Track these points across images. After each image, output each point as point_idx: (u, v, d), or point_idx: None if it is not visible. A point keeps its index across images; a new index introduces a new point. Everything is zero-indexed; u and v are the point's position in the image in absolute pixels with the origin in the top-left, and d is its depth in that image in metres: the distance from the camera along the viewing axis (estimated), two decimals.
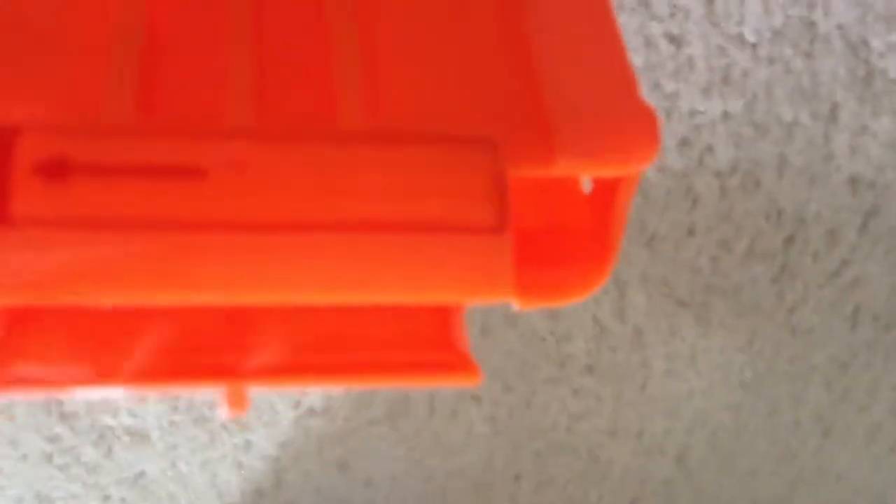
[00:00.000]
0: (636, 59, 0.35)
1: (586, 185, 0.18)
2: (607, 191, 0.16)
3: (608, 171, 0.15)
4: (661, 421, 0.53)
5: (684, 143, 0.39)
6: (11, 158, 0.12)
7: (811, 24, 0.35)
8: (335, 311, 0.15)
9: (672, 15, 0.34)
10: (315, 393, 0.48)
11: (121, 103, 0.13)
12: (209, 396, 0.48)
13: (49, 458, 0.49)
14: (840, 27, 0.35)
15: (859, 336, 0.49)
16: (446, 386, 0.15)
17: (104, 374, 0.13)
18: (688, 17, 0.34)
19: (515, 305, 0.16)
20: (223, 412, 0.14)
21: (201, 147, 0.12)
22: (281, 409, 0.49)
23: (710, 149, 0.39)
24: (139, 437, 0.49)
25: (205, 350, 0.14)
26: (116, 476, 0.51)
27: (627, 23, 0.34)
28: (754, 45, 0.35)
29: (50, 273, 0.12)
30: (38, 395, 0.12)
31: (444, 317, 0.15)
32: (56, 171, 0.12)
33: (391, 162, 0.13)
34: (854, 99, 0.37)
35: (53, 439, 0.48)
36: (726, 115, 0.37)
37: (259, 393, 0.48)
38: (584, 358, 0.49)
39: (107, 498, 0.52)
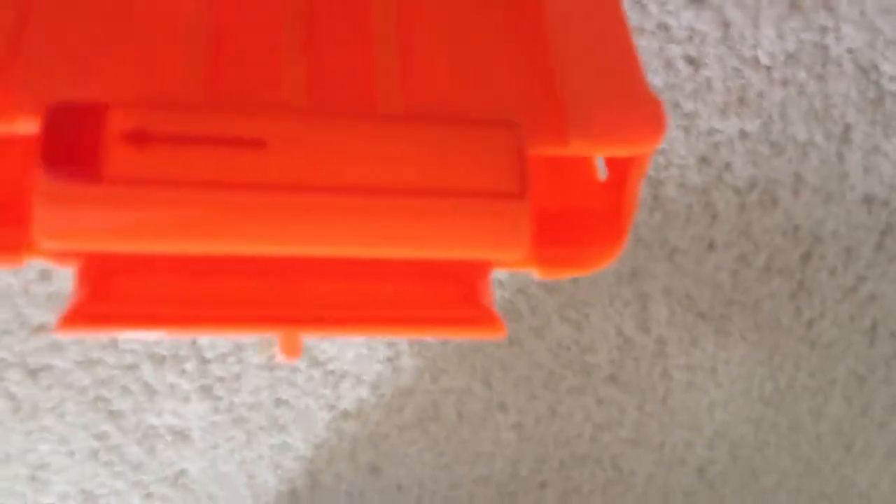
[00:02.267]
0: (656, 79, 0.37)
1: (602, 172, 0.20)
2: (620, 176, 0.18)
3: (617, 151, 0.17)
4: (683, 433, 0.54)
5: (704, 160, 0.41)
6: (103, 129, 0.14)
7: (823, 48, 0.37)
8: (378, 275, 0.17)
9: (690, 38, 0.36)
10: (349, 396, 0.50)
11: (191, 83, 0.16)
12: (249, 398, 0.50)
13: (95, 454, 0.51)
14: (851, 51, 0.37)
15: (878, 351, 0.50)
16: (474, 337, 0.17)
17: (177, 320, 0.16)
18: (705, 41, 0.36)
19: (536, 275, 0.18)
20: (280, 358, 0.17)
21: (263, 123, 0.15)
22: (316, 412, 0.51)
23: (728, 166, 0.41)
24: (181, 436, 0.51)
25: (265, 302, 0.16)
26: (159, 474, 0.53)
27: (648, 45, 0.36)
28: (769, 68, 0.37)
29: (133, 224, 0.14)
30: (123, 334, 0.15)
31: (472, 280, 0.17)
32: (139, 139, 0.14)
33: (427, 139, 0.16)
34: (866, 120, 0.39)
35: (101, 437, 0.50)
36: (743, 134, 0.39)
37: (295, 395, 0.50)
38: (608, 368, 0.50)
39: (149, 496, 0.54)
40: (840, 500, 0.59)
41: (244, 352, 0.48)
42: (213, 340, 0.47)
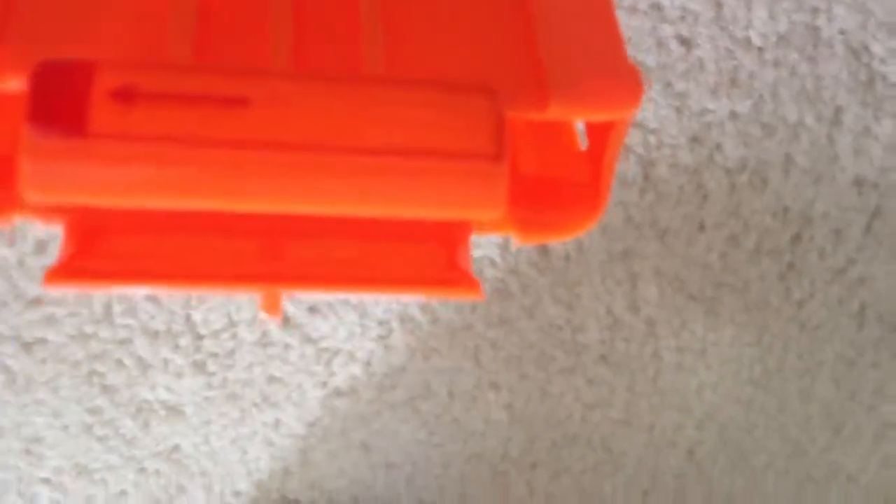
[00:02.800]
0: (648, 59, 0.38)
1: (583, 143, 0.20)
2: (600, 144, 0.19)
3: (595, 116, 0.18)
4: (673, 414, 0.55)
5: (695, 140, 0.41)
6: (90, 86, 0.15)
7: (815, 30, 0.37)
8: (359, 237, 0.17)
9: (682, 18, 0.36)
10: (342, 374, 0.51)
11: (179, 45, 0.16)
12: (242, 374, 0.50)
13: (89, 429, 0.52)
14: (842, 32, 0.37)
15: (866, 334, 0.50)
16: (452, 298, 0.18)
17: (160, 276, 0.16)
18: (697, 21, 0.37)
19: (515, 240, 0.19)
20: (261, 315, 0.17)
21: (247, 81, 0.15)
22: (309, 389, 0.51)
23: (719, 147, 0.41)
24: (175, 411, 0.51)
25: (247, 260, 0.17)
26: (152, 449, 0.53)
27: (640, 25, 0.36)
28: (760, 49, 0.38)
29: (117, 179, 0.15)
30: (108, 289, 0.15)
31: (452, 244, 0.18)
32: (126, 97, 0.15)
33: (408, 101, 0.16)
34: (857, 102, 0.39)
35: (94, 411, 0.51)
36: (734, 115, 0.40)
37: (288, 372, 0.50)
38: (598, 348, 0.51)
39: (142, 470, 0.54)
40: (828, 484, 0.60)
41: (238, 328, 0.48)
42: (207, 316, 0.47)
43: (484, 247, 0.46)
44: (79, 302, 0.45)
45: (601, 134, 0.19)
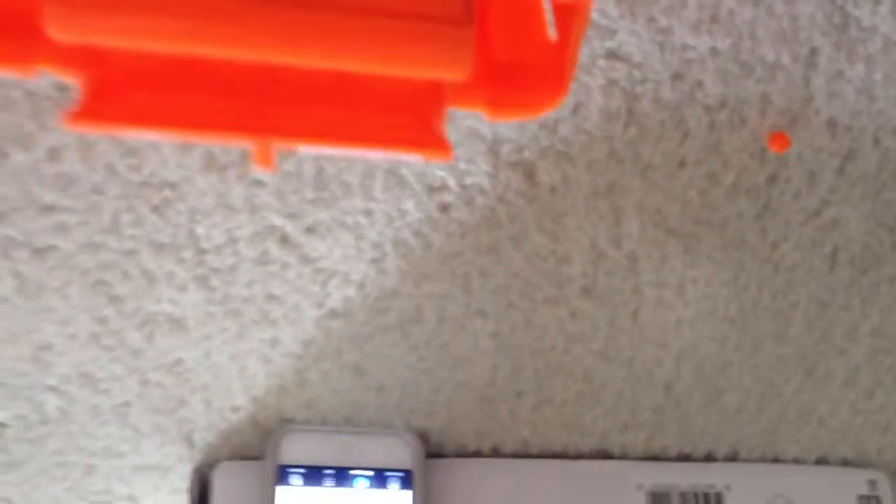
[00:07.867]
0: None
1: (552, 33, 0.23)
2: (565, 33, 0.21)
3: None
4: (651, 349, 0.57)
5: (677, 76, 0.43)
6: None
7: None
8: (345, 104, 0.20)
9: None
10: (336, 294, 0.53)
11: None
12: (242, 290, 0.53)
13: (96, 338, 0.54)
14: None
15: (837, 276, 0.53)
16: (424, 156, 0.21)
17: (167, 122, 0.19)
18: None
19: (486, 116, 0.22)
20: (254, 168, 0.20)
21: None
22: (305, 308, 0.54)
23: (700, 84, 0.43)
24: (178, 324, 0.54)
25: (244, 115, 0.19)
26: (156, 361, 0.56)
27: None
28: None
29: (127, 20, 0.17)
30: (119, 133, 0.18)
31: (427, 112, 0.20)
32: None
33: None
34: (831, 45, 0.41)
35: (102, 321, 0.53)
36: (715, 52, 0.42)
37: (286, 292, 0.53)
38: (581, 280, 0.53)
39: (146, 382, 0.57)
40: (800, 425, 0.62)
41: (238, 244, 0.50)
42: (210, 231, 0.50)
43: (474, 174, 0.48)
44: (89, 210, 0.48)
45: (566, 22, 0.21)
